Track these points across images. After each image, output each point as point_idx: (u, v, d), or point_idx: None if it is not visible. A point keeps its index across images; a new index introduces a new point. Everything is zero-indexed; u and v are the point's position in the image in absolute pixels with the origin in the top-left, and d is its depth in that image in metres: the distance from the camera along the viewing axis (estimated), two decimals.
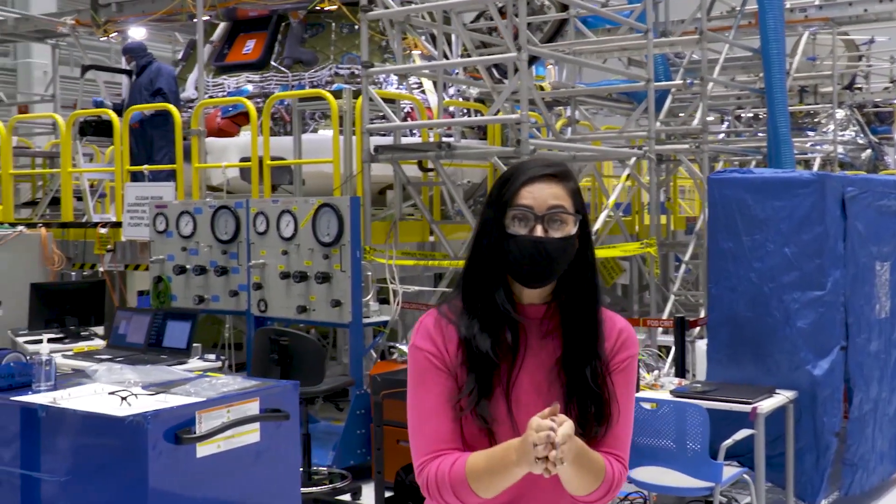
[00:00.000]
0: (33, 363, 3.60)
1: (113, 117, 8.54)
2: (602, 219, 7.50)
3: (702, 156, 8.05)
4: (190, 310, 6.58)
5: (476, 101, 9.15)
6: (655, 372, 5.46)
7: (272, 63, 9.04)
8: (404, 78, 8.58)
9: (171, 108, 8.22)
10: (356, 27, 8.44)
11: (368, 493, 5.68)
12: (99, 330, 6.80)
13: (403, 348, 6.45)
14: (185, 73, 9.68)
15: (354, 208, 6.22)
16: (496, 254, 1.97)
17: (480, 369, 1.95)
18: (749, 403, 4.78)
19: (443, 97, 7.92)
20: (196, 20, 8.62)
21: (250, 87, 8.86)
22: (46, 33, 13.20)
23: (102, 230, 8.12)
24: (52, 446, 3.37)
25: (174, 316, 5.80)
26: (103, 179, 10.40)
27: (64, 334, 6.58)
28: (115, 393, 3.36)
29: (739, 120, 11.97)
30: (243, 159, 8.04)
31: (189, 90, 9.29)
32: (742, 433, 4.72)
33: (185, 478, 3.28)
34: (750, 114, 11.81)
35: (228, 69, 9.26)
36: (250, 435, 3.50)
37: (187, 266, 6.98)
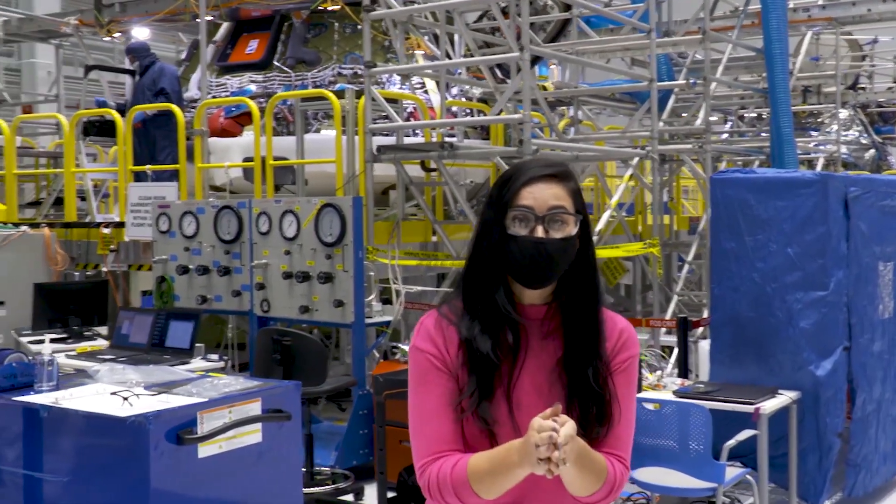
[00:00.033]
0: (35, 363, 3.60)
1: (116, 117, 8.55)
2: (605, 219, 7.48)
3: (705, 156, 8.04)
4: (193, 310, 6.59)
5: (479, 101, 9.15)
6: (658, 372, 5.45)
7: (275, 63, 9.04)
8: (407, 78, 8.58)
9: (174, 108, 8.23)
10: (359, 27, 8.44)
11: (371, 494, 5.68)
12: (102, 330, 6.82)
13: (406, 348, 6.45)
14: (189, 73, 9.69)
15: (357, 208, 6.22)
16: (497, 254, 1.96)
17: (481, 370, 1.94)
18: (752, 404, 4.77)
19: (445, 97, 7.92)
20: (199, 20, 8.62)
21: (253, 87, 8.86)
22: (50, 33, 13.23)
23: (106, 230, 8.13)
24: (55, 446, 3.37)
25: (177, 316, 5.82)
26: (107, 179, 10.40)
27: (67, 334, 6.60)
28: (117, 393, 3.36)
29: (742, 120, 11.94)
30: (246, 159, 8.04)
31: (192, 90, 9.29)
32: (745, 434, 4.71)
33: (187, 478, 3.27)
34: (753, 114, 11.78)
35: (231, 69, 9.26)
36: (252, 435, 3.50)
37: (190, 266, 6.98)
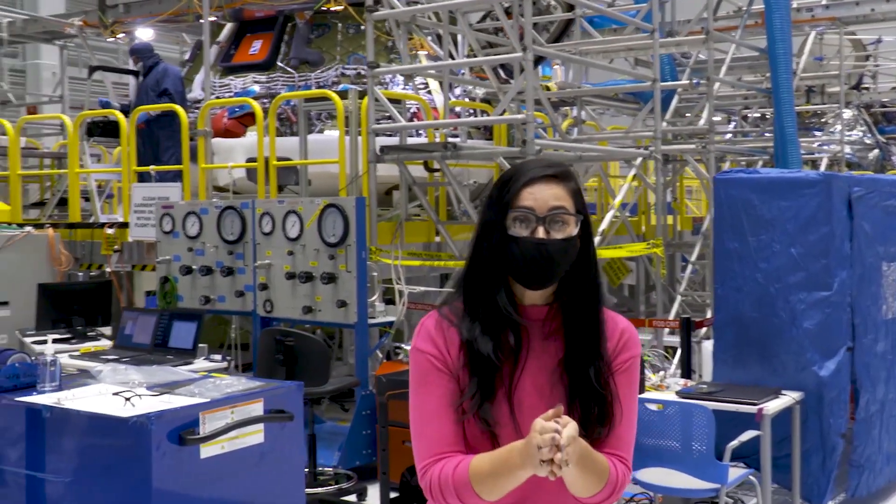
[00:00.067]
0: (38, 364, 3.61)
1: (120, 118, 8.57)
2: (608, 219, 7.48)
3: (708, 156, 8.03)
4: (196, 310, 6.60)
5: (482, 102, 9.15)
6: (661, 373, 5.44)
7: (278, 64, 9.05)
8: (410, 78, 8.58)
9: (178, 109, 8.24)
10: (362, 27, 8.44)
11: (374, 494, 5.68)
12: (106, 330, 6.82)
13: (409, 349, 6.44)
14: (192, 74, 9.70)
15: (360, 209, 6.22)
16: (497, 255, 1.96)
17: (482, 372, 1.94)
18: (755, 404, 4.76)
19: (449, 97, 7.91)
20: (203, 21, 8.63)
21: (257, 88, 8.87)
22: (54, 34, 13.26)
23: (109, 231, 8.14)
24: (57, 447, 3.37)
25: (180, 316, 5.81)
26: (110, 180, 10.43)
27: (71, 334, 6.60)
28: (119, 394, 3.37)
29: (746, 120, 11.92)
30: (249, 160, 8.04)
31: (196, 91, 9.30)
32: (748, 434, 4.70)
33: (189, 479, 3.28)
34: (757, 114, 11.76)
35: (235, 70, 9.28)
36: (254, 436, 3.50)
37: (193, 266, 6.99)
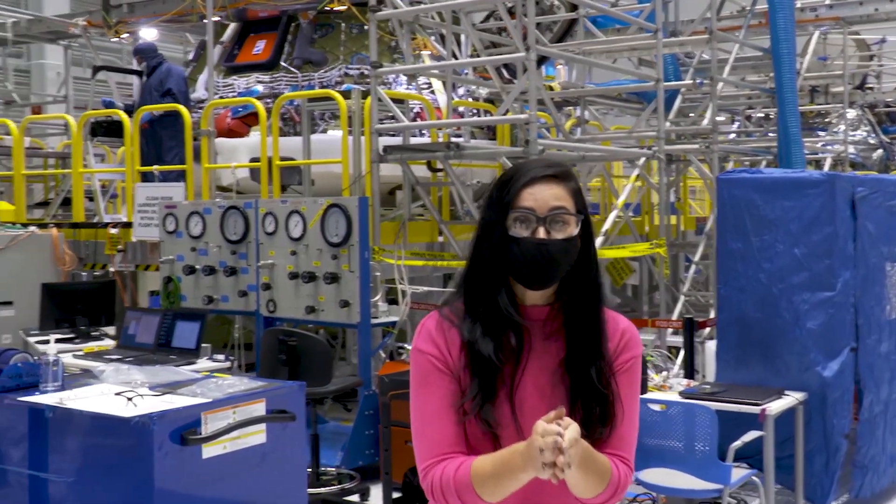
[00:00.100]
0: (41, 363, 3.61)
1: (123, 118, 8.58)
2: (612, 219, 7.46)
3: (712, 156, 8.02)
4: (199, 310, 6.60)
5: (485, 102, 9.15)
6: (664, 373, 5.44)
7: (282, 63, 9.06)
8: (413, 78, 8.58)
9: (181, 109, 8.25)
10: (366, 27, 8.44)
11: (377, 494, 5.68)
12: (110, 330, 6.82)
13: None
14: (196, 74, 9.71)
15: (363, 208, 6.22)
16: (498, 256, 1.95)
17: (483, 373, 1.93)
18: (758, 405, 4.75)
19: (452, 97, 7.91)
20: (206, 21, 8.64)
21: (260, 88, 8.88)
22: (59, 34, 13.28)
23: (113, 230, 8.15)
24: (60, 446, 3.38)
25: (183, 316, 5.81)
26: (114, 180, 10.44)
27: (74, 334, 6.60)
28: (121, 394, 3.37)
29: (750, 120, 11.90)
30: (253, 160, 8.05)
31: (199, 91, 9.31)
32: (751, 435, 4.69)
33: (191, 479, 3.28)
34: (760, 114, 11.74)
35: (239, 70, 9.29)
36: (256, 436, 3.50)
37: (197, 266, 6.99)
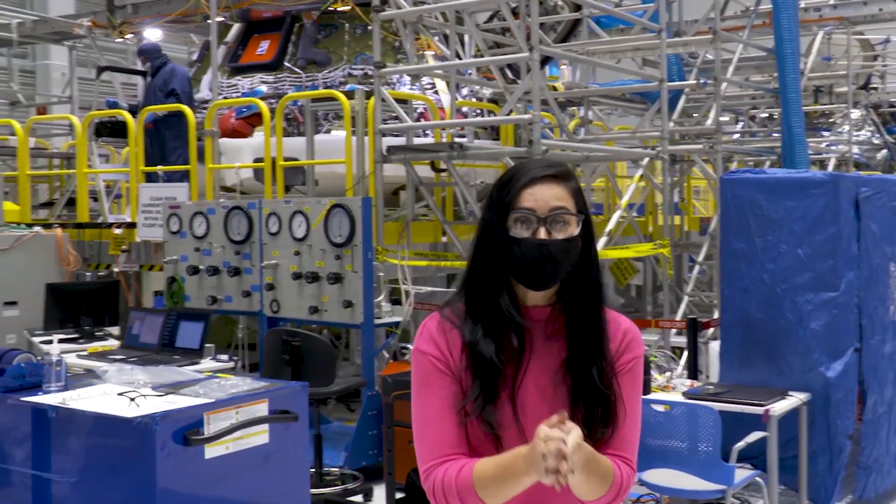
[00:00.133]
0: (44, 364, 3.62)
1: (128, 118, 8.59)
2: (615, 219, 7.45)
3: (715, 156, 8.00)
4: (203, 310, 6.61)
5: (489, 102, 9.14)
6: (668, 374, 5.43)
7: (286, 64, 9.06)
8: (417, 78, 8.58)
9: (185, 109, 8.26)
10: (369, 28, 8.44)
11: (380, 495, 5.68)
12: (114, 330, 6.84)
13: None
14: (200, 74, 9.72)
15: (366, 209, 6.22)
16: (499, 257, 1.95)
17: (485, 374, 1.93)
18: (762, 405, 4.75)
19: (455, 97, 7.91)
20: (210, 21, 8.65)
21: (264, 88, 8.88)
22: (64, 35, 13.30)
23: (117, 231, 8.17)
24: (63, 447, 3.38)
25: (187, 316, 5.83)
26: (118, 180, 10.45)
27: (79, 334, 6.62)
28: (124, 394, 3.38)
29: (754, 120, 11.88)
30: (257, 160, 8.05)
31: (204, 91, 9.32)
32: (754, 435, 4.69)
33: (194, 479, 3.28)
34: (764, 114, 11.71)
35: (242, 70, 9.29)
36: (259, 436, 3.51)
37: (200, 266, 7.00)
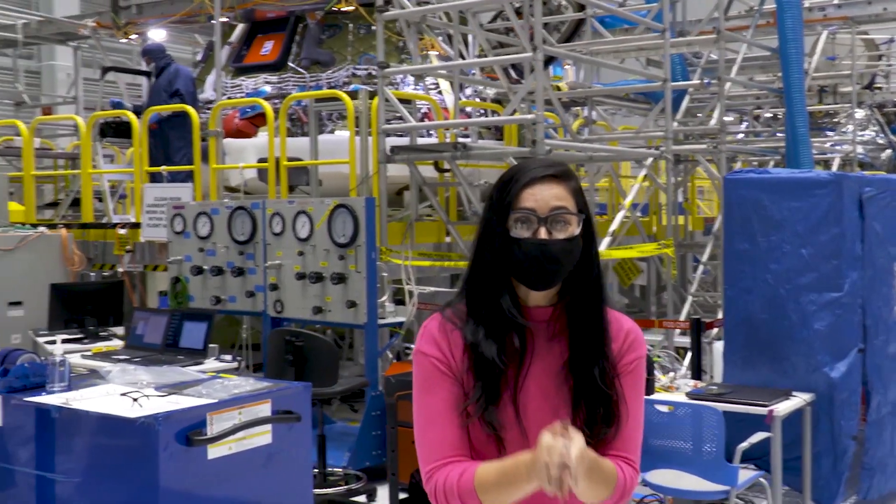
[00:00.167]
0: (47, 364, 3.62)
1: (132, 119, 8.60)
2: (619, 219, 7.46)
3: (719, 156, 8.00)
4: (206, 310, 6.61)
5: (493, 102, 9.14)
6: (671, 374, 5.42)
7: (290, 64, 9.07)
8: (421, 78, 8.58)
9: (189, 110, 8.27)
10: (373, 28, 8.45)
11: (383, 495, 5.68)
12: (118, 330, 6.85)
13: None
14: (204, 75, 9.73)
15: (369, 209, 6.22)
16: (500, 258, 1.95)
17: (487, 375, 1.93)
18: (765, 406, 4.74)
19: (459, 97, 7.91)
20: (214, 22, 8.66)
21: (268, 88, 8.89)
22: (69, 35, 13.32)
23: (122, 231, 8.18)
24: (66, 447, 3.39)
25: (191, 317, 5.83)
26: (123, 180, 10.48)
27: (83, 334, 6.63)
28: (127, 394, 3.38)
29: (758, 120, 11.87)
30: (261, 160, 8.06)
31: (208, 91, 9.33)
32: (758, 436, 4.68)
33: (197, 479, 3.29)
34: (768, 114, 11.70)
35: (246, 70, 9.30)
36: (262, 437, 3.51)
37: (204, 267, 7.01)
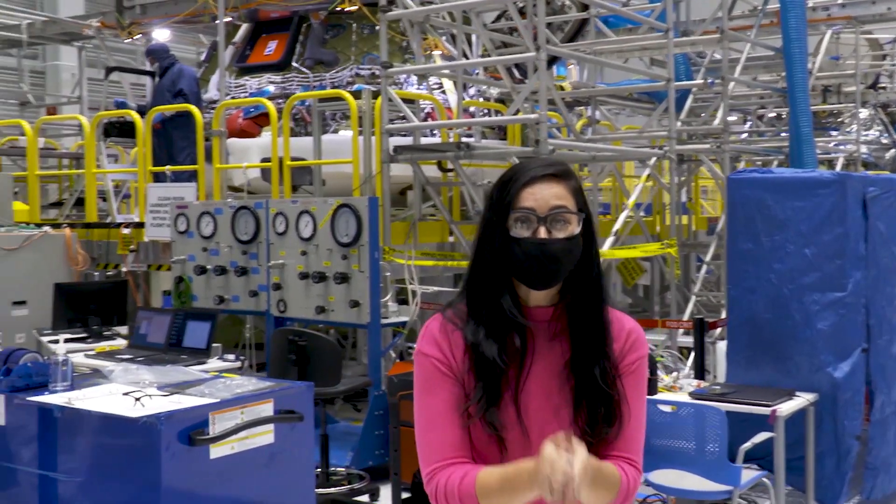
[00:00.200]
0: (50, 363, 3.63)
1: (136, 119, 8.61)
2: (623, 219, 7.45)
3: (723, 156, 7.98)
4: (210, 310, 6.63)
5: (496, 102, 9.13)
6: (674, 374, 5.42)
7: (293, 64, 9.07)
8: (424, 78, 8.58)
9: (193, 109, 8.28)
10: (377, 28, 8.44)
11: (386, 494, 5.69)
12: (122, 330, 6.85)
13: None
14: (208, 75, 9.74)
15: (372, 209, 6.22)
16: (500, 257, 1.94)
17: (488, 376, 1.92)
18: (768, 406, 4.73)
19: (463, 97, 7.91)
20: (218, 22, 8.66)
21: (272, 88, 8.89)
22: (73, 35, 13.34)
23: (126, 230, 8.19)
24: (69, 446, 3.40)
25: (194, 316, 5.84)
26: (127, 180, 10.49)
27: (87, 334, 6.64)
28: (129, 394, 3.39)
29: (761, 120, 11.85)
30: (264, 160, 8.07)
31: (212, 91, 9.34)
32: (761, 436, 4.67)
33: (199, 479, 3.29)
34: (772, 113, 11.68)
35: (250, 70, 9.31)
36: (264, 436, 3.51)
37: (208, 266, 7.02)
